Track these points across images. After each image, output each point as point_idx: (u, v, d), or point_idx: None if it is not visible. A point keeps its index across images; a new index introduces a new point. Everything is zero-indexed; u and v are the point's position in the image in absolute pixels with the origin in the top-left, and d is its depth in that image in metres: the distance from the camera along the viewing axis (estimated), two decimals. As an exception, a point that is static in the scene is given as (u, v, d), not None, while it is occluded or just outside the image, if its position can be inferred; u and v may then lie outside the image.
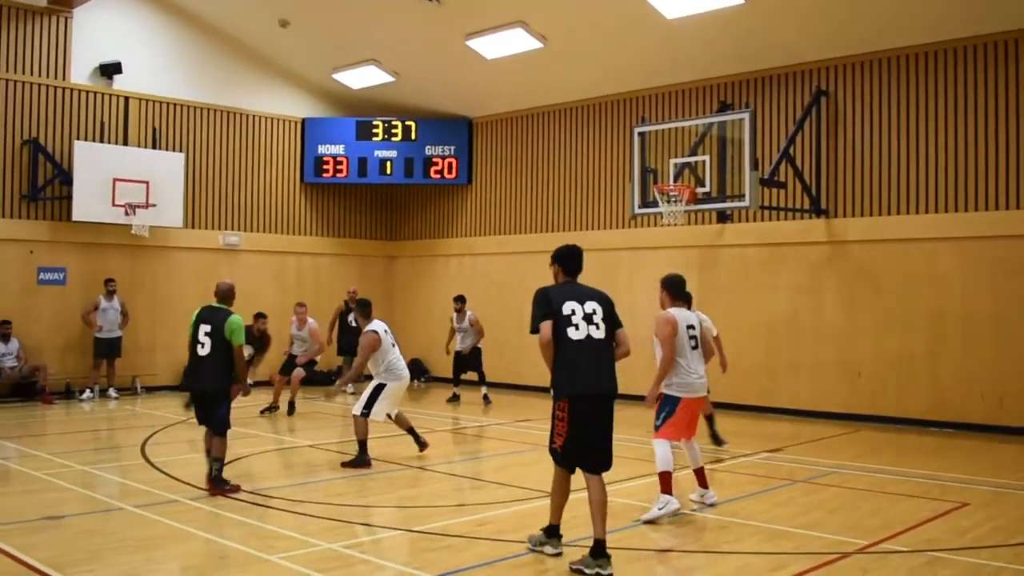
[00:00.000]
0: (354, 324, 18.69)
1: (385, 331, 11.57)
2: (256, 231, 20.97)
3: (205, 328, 9.52)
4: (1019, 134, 14.23)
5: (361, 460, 11.08)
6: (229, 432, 9.64)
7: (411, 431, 11.95)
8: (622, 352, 7.30)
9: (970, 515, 8.78)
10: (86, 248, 18.33)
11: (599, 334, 7.06)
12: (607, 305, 7.23)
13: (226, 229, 20.44)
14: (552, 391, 7.07)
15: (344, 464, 11.11)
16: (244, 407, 15.32)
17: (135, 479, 9.64)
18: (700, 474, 9.26)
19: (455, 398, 17.98)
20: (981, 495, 9.72)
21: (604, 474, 7.09)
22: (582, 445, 7.00)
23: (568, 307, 7.05)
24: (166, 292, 19.46)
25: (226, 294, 9.90)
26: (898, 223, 15.27)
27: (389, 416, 11.68)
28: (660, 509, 8.44)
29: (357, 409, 11.33)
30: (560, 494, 7.19)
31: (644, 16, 15.80)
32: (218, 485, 9.35)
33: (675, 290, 9.16)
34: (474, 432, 14.22)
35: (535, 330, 7.03)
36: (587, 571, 6.69)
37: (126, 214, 17.95)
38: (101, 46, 18.67)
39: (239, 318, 9.58)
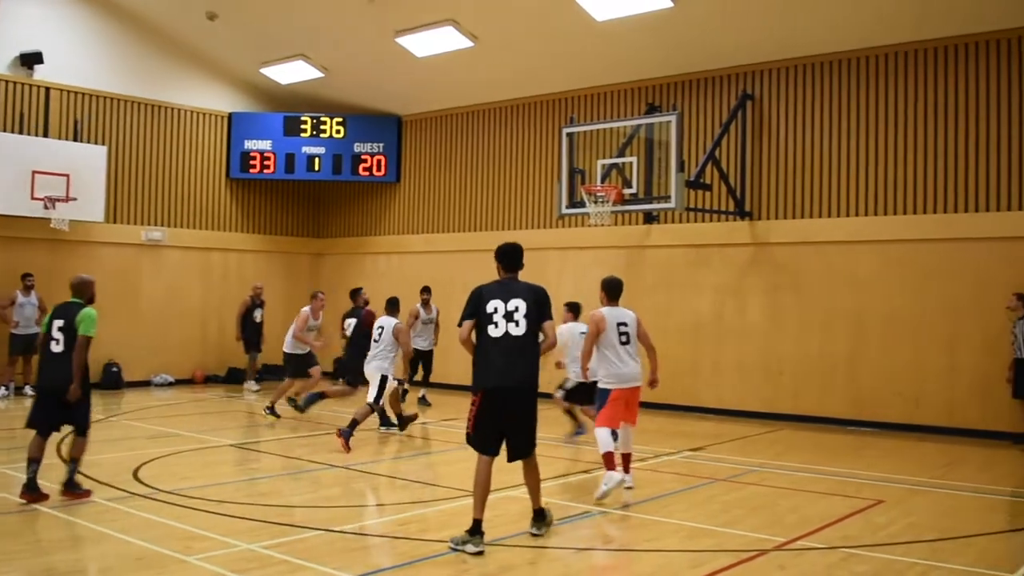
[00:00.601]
0: (258, 320, 18.54)
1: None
2: (180, 227, 20.62)
3: (58, 323, 8.95)
4: (938, 141, 14.56)
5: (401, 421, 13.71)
6: (147, 433, 9.45)
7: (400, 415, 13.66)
8: (547, 344, 7.76)
9: (885, 512, 8.95)
10: (3, 242, 17.86)
11: (517, 331, 7.51)
12: (535, 301, 7.66)
13: (149, 224, 20.08)
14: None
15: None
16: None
17: (49, 479, 9.39)
18: (626, 459, 9.85)
19: (424, 401, 17.20)
20: (896, 492, 9.91)
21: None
22: (497, 434, 7.54)
23: (492, 305, 7.57)
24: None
25: (79, 288, 9.29)
26: (820, 226, 15.53)
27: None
28: (606, 485, 9.19)
29: (371, 398, 12.90)
30: (481, 485, 7.49)
31: (574, 17, 15.86)
32: (71, 489, 8.91)
33: (610, 291, 9.91)
34: (397, 432, 14.14)
35: (461, 320, 7.66)
36: (538, 532, 7.70)
37: (45, 207, 17.49)
38: (21, 35, 18.14)
39: (93, 311, 9.09)
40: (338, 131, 21.35)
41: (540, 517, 7.79)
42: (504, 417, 7.53)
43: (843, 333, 15.26)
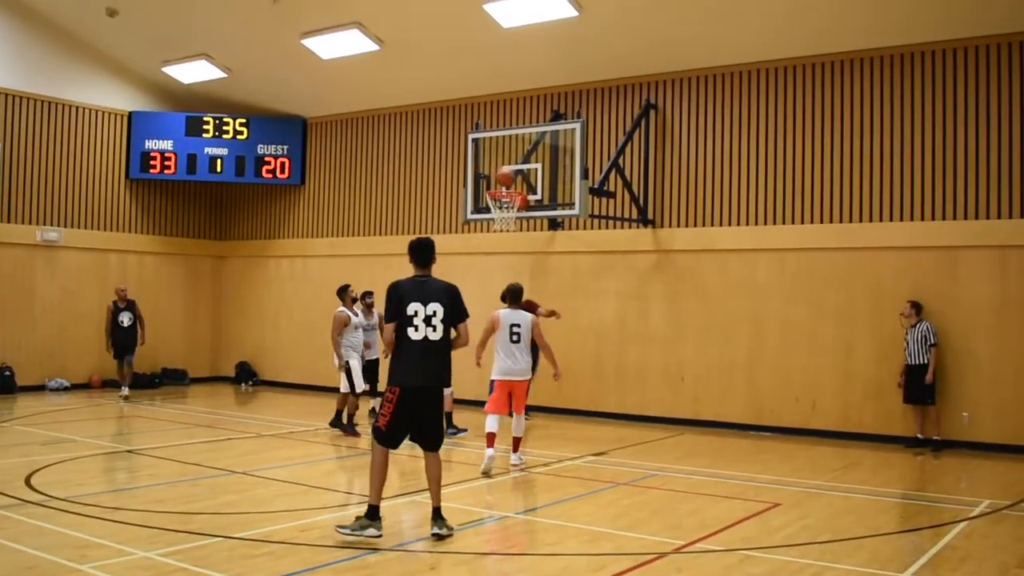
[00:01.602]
0: (125, 324, 17.90)
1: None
2: (77, 227, 20.08)
3: None
4: (834, 152, 14.93)
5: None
6: (40, 439, 9.20)
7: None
8: (459, 343, 8.30)
9: (782, 514, 9.15)
10: None
11: (435, 335, 7.95)
12: (450, 302, 8.16)
13: (45, 224, 19.53)
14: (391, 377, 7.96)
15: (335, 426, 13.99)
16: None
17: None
18: (516, 441, 11.57)
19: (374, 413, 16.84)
20: (793, 495, 10.13)
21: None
22: (406, 430, 7.96)
23: (412, 308, 7.95)
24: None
25: None
26: (720, 234, 15.82)
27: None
28: (488, 459, 10.92)
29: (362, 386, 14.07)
30: (379, 474, 7.85)
31: (480, 23, 15.90)
32: None
33: (510, 296, 11.65)
34: (300, 436, 14.00)
35: (387, 322, 8.05)
36: (440, 532, 7.78)
37: (-66, 206, 16.99)
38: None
39: None
40: (241, 132, 21.03)
41: (441, 516, 7.91)
42: (418, 414, 7.93)
43: (742, 339, 15.55)
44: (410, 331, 7.91)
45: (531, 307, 13.94)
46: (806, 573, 7.04)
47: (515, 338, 11.24)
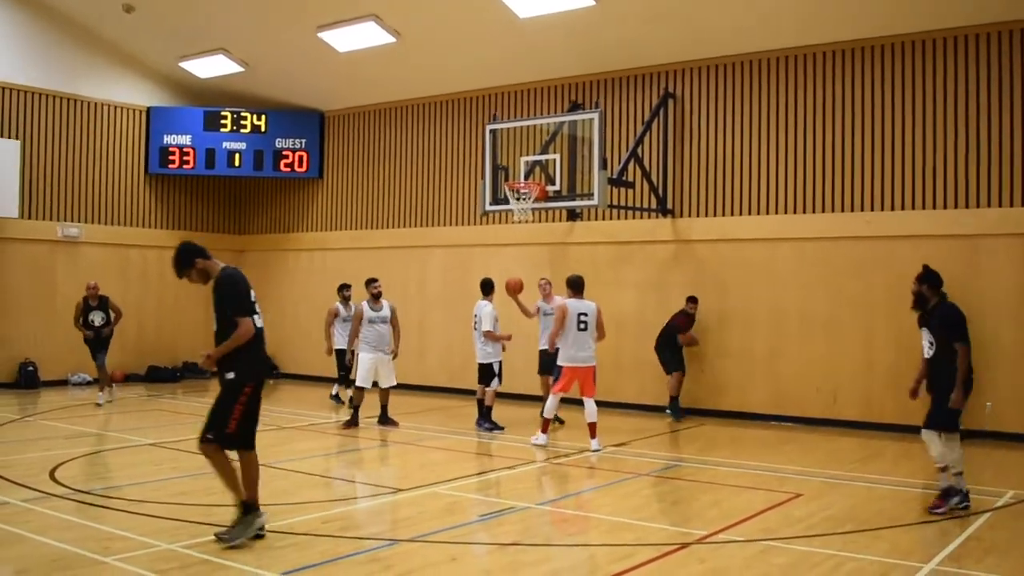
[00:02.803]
0: (97, 323, 17.28)
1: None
2: (97, 223, 20.20)
3: None
4: (854, 140, 14.85)
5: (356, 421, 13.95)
6: (65, 432, 9.27)
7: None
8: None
9: (804, 505, 9.13)
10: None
11: (261, 323, 7.63)
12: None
13: (65, 220, 19.65)
14: (231, 374, 7.41)
15: (346, 425, 13.90)
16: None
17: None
18: (592, 427, 12.15)
19: (336, 399, 17.12)
20: (815, 486, 10.10)
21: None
22: (252, 425, 7.61)
23: (252, 295, 7.61)
24: (1, 285, 18.61)
25: None
26: (739, 224, 15.76)
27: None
28: (537, 441, 12.26)
29: (392, 381, 14.19)
30: (232, 472, 7.53)
31: (497, 14, 15.88)
32: None
33: (574, 285, 12.44)
34: (320, 429, 14.05)
35: (242, 315, 7.39)
36: (247, 532, 7.33)
37: (-44, 203, 17.09)
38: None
39: None
40: (259, 126, 21.09)
41: (256, 506, 7.51)
42: (256, 408, 7.65)
43: (762, 329, 15.50)
44: (256, 319, 7.54)
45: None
46: (828, 564, 7.03)
47: (582, 326, 12.11)
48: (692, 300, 15.60)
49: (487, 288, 14.13)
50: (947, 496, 8.87)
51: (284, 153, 21.26)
